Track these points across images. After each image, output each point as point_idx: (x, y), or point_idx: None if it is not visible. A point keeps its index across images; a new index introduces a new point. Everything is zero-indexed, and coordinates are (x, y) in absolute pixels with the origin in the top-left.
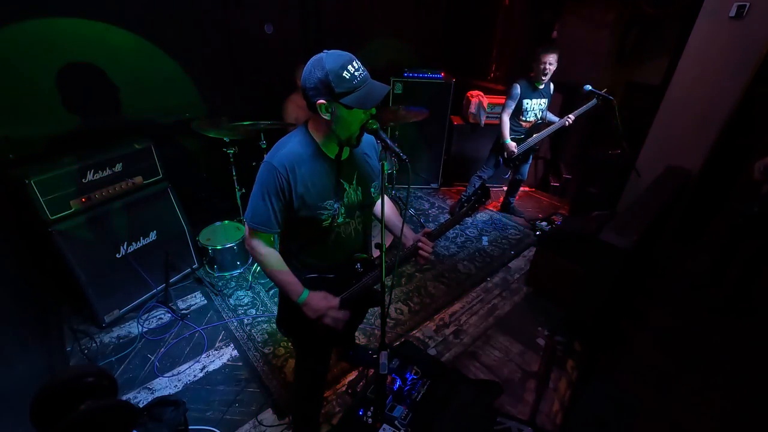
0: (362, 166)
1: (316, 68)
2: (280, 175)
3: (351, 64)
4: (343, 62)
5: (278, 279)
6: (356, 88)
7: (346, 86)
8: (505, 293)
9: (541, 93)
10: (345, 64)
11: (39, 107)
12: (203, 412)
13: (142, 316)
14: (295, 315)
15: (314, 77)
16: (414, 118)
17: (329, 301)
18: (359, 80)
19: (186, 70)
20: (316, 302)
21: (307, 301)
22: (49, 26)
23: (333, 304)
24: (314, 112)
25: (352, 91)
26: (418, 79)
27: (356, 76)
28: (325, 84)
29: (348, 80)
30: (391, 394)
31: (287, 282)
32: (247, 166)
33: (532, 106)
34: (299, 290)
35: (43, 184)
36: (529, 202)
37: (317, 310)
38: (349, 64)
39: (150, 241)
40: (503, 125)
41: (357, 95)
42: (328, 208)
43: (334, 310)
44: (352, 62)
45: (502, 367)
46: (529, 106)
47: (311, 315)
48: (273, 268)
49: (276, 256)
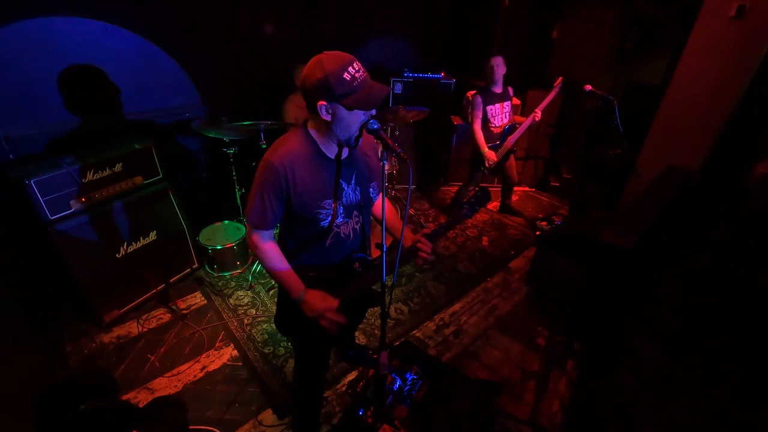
0: (361, 166)
1: (316, 69)
2: (279, 173)
3: (351, 65)
4: (343, 64)
5: (278, 275)
6: (356, 90)
7: (347, 88)
8: (505, 293)
9: (501, 97)
10: (345, 66)
11: (39, 107)
12: (203, 412)
13: (142, 316)
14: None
15: (314, 78)
16: (414, 118)
17: (328, 302)
18: (359, 82)
19: (186, 70)
20: (314, 302)
21: (306, 299)
22: (49, 26)
23: (331, 305)
24: (314, 113)
25: (353, 92)
26: (418, 79)
27: (356, 77)
28: (325, 85)
29: (348, 82)
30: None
31: (287, 278)
32: (247, 166)
33: (497, 112)
34: (299, 288)
35: (43, 184)
36: (529, 202)
37: (315, 311)
38: (349, 66)
39: (150, 241)
40: (477, 136)
41: (357, 97)
42: (326, 207)
43: (332, 312)
44: (353, 63)
45: (502, 367)
46: (494, 111)
47: (309, 314)
48: (273, 264)
49: (276, 251)
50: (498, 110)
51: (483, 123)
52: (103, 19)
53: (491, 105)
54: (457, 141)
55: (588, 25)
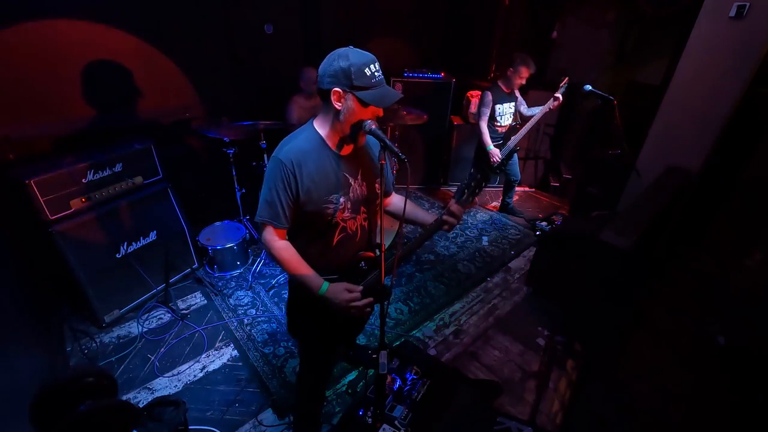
0: (367, 161)
1: (341, 58)
2: (287, 169)
3: (373, 64)
4: (367, 60)
5: (296, 272)
6: (373, 87)
7: (365, 82)
8: (505, 293)
9: (510, 97)
10: (368, 63)
11: (39, 107)
12: (203, 412)
13: (142, 316)
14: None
15: (336, 66)
16: (413, 121)
17: (351, 292)
18: (377, 80)
19: (186, 70)
20: (337, 294)
21: (328, 293)
22: (50, 27)
23: (355, 295)
24: (325, 100)
25: (369, 88)
26: (418, 79)
27: (375, 76)
28: (346, 74)
29: (368, 77)
30: (391, 394)
31: (305, 275)
32: (247, 166)
33: (505, 110)
34: (318, 282)
35: (43, 184)
36: (529, 202)
37: (340, 303)
38: (372, 63)
39: (150, 241)
40: (483, 133)
41: (373, 93)
42: (333, 202)
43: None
44: (374, 63)
45: (502, 367)
46: (501, 110)
47: (334, 308)
48: (290, 261)
49: (291, 249)
50: (506, 109)
51: (489, 121)
52: (103, 19)
53: (500, 104)
54: (457, 141)
55: (588, 25)
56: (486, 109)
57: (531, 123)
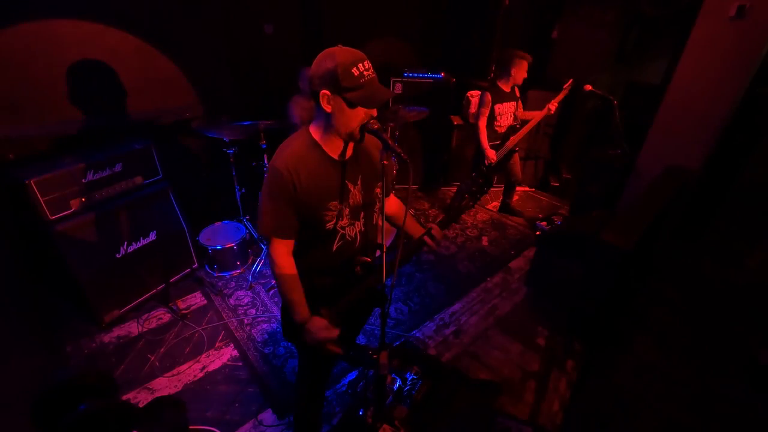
0: (367, 166)
1: (327, 59)
2: (285, 177)
3: (362, 62)
4: (354, 59)
5: (287, 294)
6: (361, 87)
7: (353, 82)
8: (505, 293)
9: (509, 96)
10: (356, 61)
11: (39, 107)
12: (203, 412)
13: (142, 316)
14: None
15: (323, 68)
16: (414, 118)
17: (330, 332)
18: (366, 80)
19: (186, 71)
20: (316, 331)
21: (309, 327)
22: (50, 27)
23: (332, 336)
24: (317, 103)
25: (357, 88)
26: (418, 79)
27: (364, 75)
28: (332, 75)
29: (355, 77)
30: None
31: (294, 301)
32: (247, 166)
33: (504, 111)
34: (304, 314)
35: (43, 184)
36: (529, 202)
37: (315, 340)
38: (360, 62)
39: (150, 241)
40: (481, 134)
41: (360, 93)
42: (332, 209)
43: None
44: (363, 61)
45: (502, 367)
46: (501, 110)
47: (308, 341)
48: (284, 283)
49: (291, 273)
50: (506, 109)
51: (488, 121)
52: (103, 19)
53: (500, 103)
54: (457, 141)
55: (588, 25)
56: (485, 110)
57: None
